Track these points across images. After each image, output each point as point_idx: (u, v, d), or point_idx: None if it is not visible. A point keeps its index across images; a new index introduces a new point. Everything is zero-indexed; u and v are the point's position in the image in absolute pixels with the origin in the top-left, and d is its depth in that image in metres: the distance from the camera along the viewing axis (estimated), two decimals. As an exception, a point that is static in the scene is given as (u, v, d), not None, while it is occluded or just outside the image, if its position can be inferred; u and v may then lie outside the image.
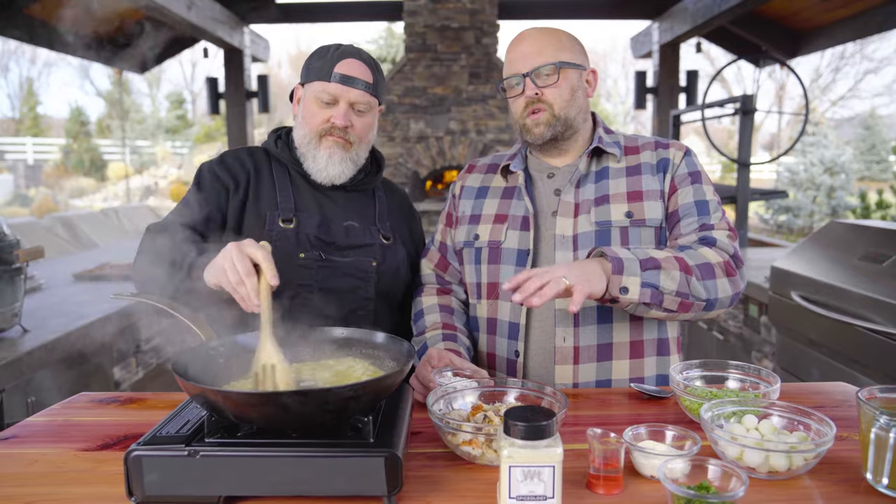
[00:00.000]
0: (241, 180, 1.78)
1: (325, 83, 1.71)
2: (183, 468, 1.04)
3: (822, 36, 7.64)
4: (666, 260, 1.53)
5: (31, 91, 26.29)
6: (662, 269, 1.51)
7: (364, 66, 1.74)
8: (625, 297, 1.49)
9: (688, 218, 1.67)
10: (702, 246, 1.62)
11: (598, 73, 1.83)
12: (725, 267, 1.59)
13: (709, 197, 1.69)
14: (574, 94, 1.70)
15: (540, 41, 1.70)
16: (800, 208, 14.12)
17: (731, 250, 1.62)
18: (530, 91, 1.69)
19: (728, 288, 1.58)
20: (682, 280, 1.52)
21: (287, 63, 28.21)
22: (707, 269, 1.56)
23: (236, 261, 1.28)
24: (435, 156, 8.66)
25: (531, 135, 1.73)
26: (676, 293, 1.52)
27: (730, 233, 1.66)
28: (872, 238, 3.22)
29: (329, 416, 1.07)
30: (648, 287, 1.50)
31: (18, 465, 1.23)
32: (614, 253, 1.51)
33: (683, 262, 1.54)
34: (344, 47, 1.76)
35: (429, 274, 1.93)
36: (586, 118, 1.78)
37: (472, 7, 8.44)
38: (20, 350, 2.76)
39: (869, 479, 1.09)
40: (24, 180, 21.32)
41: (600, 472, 1.10)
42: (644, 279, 1.49)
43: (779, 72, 20.85)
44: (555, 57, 1.68)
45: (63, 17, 6.70)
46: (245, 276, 1.26)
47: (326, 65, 1.72)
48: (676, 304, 1.54)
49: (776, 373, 3.56)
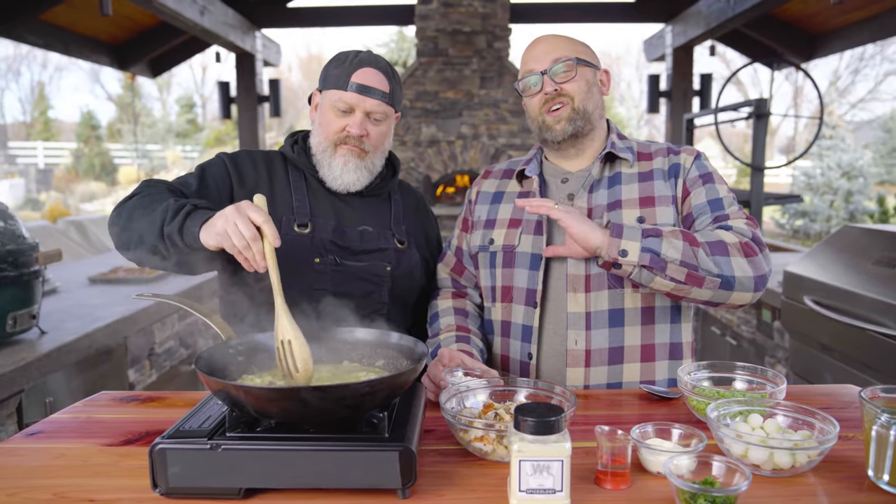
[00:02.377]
0: (247, 182, 1.79)
1: (342, 92, 1.73)
2: (205, 461, 1.08)
3: (838, 38, 7.61)
4: (671, 232, 1.54)
5: (42, 95, 26.54)
6: (664, 238, 1.52)
7: (381, 75, 1.76)
8: (624, 259, 1.50)
9: (702, 216, 1.68)
10: (716, 229, 1.62)
11: (612, 77, 1.87)
12: (742, 247, 1.55)
13: (722, 194, 1.70)
14: (591, 88, 1.75)
15: (555, 42, 1.76)
16: (816, 213, 14.02)
17: (749, 234, 1.60)
18: (549, 87, 1.72)
19: (747, 268, 1.54)
20: (688, 251, 1.51)
21: (298, 67, 28.37)
22: (719, 246, 1.54)
23: (240, 225, 1.30)
24: (447, 160, 8.70)
25: (552, 132, 1.74)
26: (681, 262, 1.50)
27: (748, 221, 1.64)
28: (886, 243, 3.22)
29: (346, 411, 1.11)
30: (648, 252, 1.50)
31: (46, 458, 1.28)
32: (618, 220, 1.57)
33: (690, 236, 1.54)
34: (362, 55, 1.77)
35: (445, 278, 1.97)
36: (602, 115, 1.81)
37: (484, 11, 8.47)
38: (38, 351, 2.81)
39: (871, 476, 1.12)
40: (36, 184, 21.52)
41: (608, 468, 1.13)
42: (644, 244, 1.51)
43: (795, 74, 20.76)
44: (573, 52, 1.73)
45: (78, 23, 6.80)
46: (251, 241, 1.30)
47: (343, 73, 1.74)
48: (683, 274, 1.51)
49: (789, 378, 3.58)
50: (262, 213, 1.32)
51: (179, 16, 6.16)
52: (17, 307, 2.81)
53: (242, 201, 1.36)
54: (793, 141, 24.99)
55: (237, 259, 1.34)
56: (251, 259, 1.31)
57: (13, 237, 2.78)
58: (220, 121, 11.57)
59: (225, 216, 1.34)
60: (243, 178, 1.79)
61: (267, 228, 1.30)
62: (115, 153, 24.41)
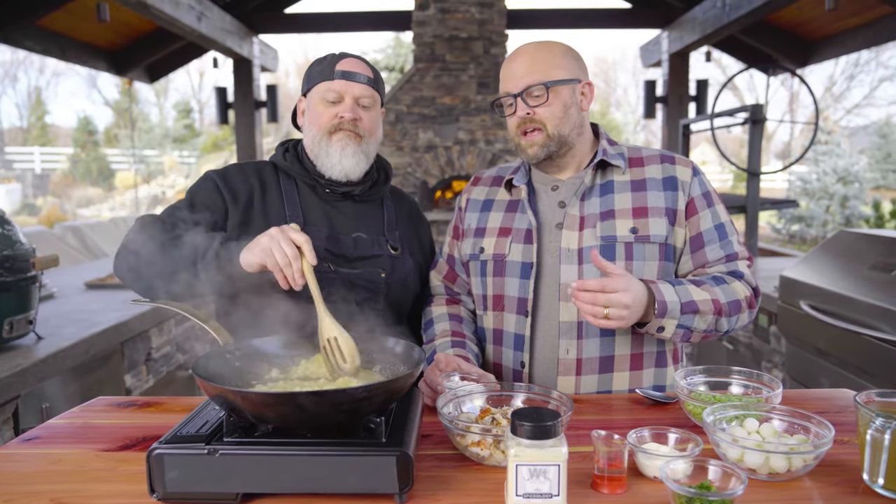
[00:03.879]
0: (240, 196, 1.79)
1: (329, 82, 1.78)
2: (203, 466, 1.08)
3: (833, 45, 7.65)
4: (704, 303, 1.60)
5: (39, 100, 26.52)
6: (699, 314, 1.59)
7: (363, 63, 1.82)
8: (659, 334, 1.60)
9: (711, 244, 1.72)
10: (734, 280, 1.69)
11: (609, 82, 1.85)
12: (749, 300, 1.68)
13: (724, 219, 1.75)
14: (567, 111, 1.71)
15: (531, 60, 1.71)
16: (812, 218, 14.06)
17: (753, 283, 1.71)
18: (521, 111, 1.71)
19: (745, 319, 1.69)
20: (713, 321, 1.62)
21: (295, 73, 28.32)
22: (735, 305, 1.64)
23: (283, 244, 1.42)
24: (443, 165, 8.70)
25: (526, 155, 1.75)
26: (704, 331, 1.63)
27: (748, 262, 1.74)
28: (882, 247, 3.23)
29: (343, 416, 1.11)
30: (682, 328, 1.59)
31: (42, 463, 1.28)
32: (661, 295, 1.56)
33: (718, 305, 1.61)
34: (341, 52, 1.84)
35: (438, 286, 1.97)
36: (581, 132, 1.77)
37: (481, 17, 8.49)
38: (35, 357, 2.81)
39: (866, 480, 1.13)
40: (33, 190, 21.50)
41: (604, 473, 1.14)
42: (681, 322, 1.58)
43: (791, 80, 20.83)
44: (545, 75, 1.68)
45: (76, 28, 6.80)
46: (293, 259, 1.41)
47: (327, 67, 1.79)
48: (699, 338, 1.66)
49: (785, 382, 3.59)
50: (304, 235, 1.44)
51: (177, 21, 6.17)
52: (13, 312, 2.80)
53: (286, 225, 1.47)
54: (788, 146, 25.05)
55: (276, 276, 1.44)
56: (290, 277, 1.42)
57: (10, 242, 2.78)
58: (217, 126, 11.60)
59: (270, 235, 1.45)
60: (235, 194, 1.80)
61: (307, 249, 1.43)
62: (113, 158, 24.38)
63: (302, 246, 1.42)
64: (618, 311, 1.48)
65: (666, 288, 1.57)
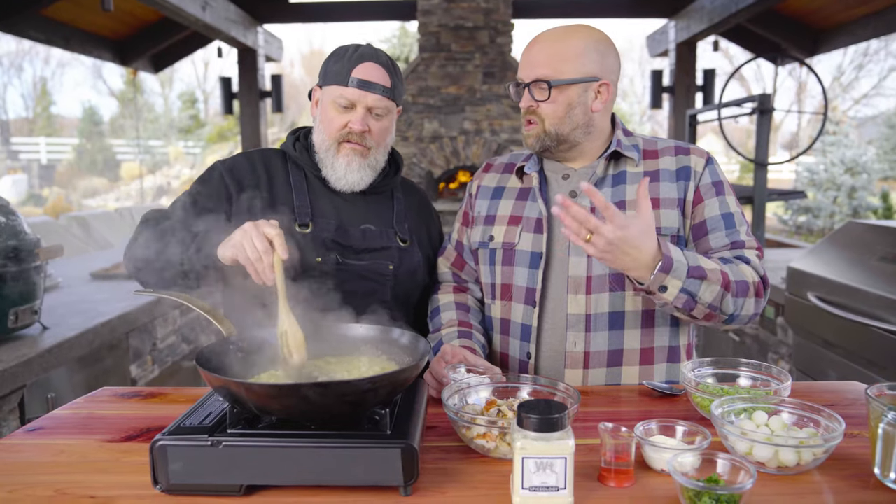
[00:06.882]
0: (247, 187, 1.78)
1: (343, 88, 1.72)
2: (206, 457, 1.08)
3: (842, 34, 7.58)
4: (712, 272, 1.51)
5: (44, 91, 26.58)
6: (706, 281, 1.50)
7: (382, 69, 1.74)
8: (661, 294, 1.49)
9: (716, 232, 1.66)
10: (741, 263, 1.62)
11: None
12: (756, 287, 1.60)
13: (733, 209, 1.69)
14: (570, 111, 1.67)
15: (547, 51, 1.67)
16: (820, 209, 13.97)
17: (761, 271, 1.64)
18: (525, 103, 1.70)
19: (752, 308, 1.59)
20: (719, 295, 1.52)
21: (300, 62, 28.30)
22: (743, 286, 1.56)
23: (255, 238, 1.40)
24: (449, 155, 8.68)
25: (526, 143, 1.76)
26: (709, 305, 1.52)
27: (758, 252, 1.67)
28: (891, 239, 3.20)
29: (348, 407, 1.10)
30: (685, 294, 1.49)
31: (46, 454, 1.27)
32: (668, 251, 1.47)
33: (726, 278, 1.53)
34: (362, 49, 1.75)
35: (445, 272, 1.95)
36: (589, 131, 1.72)
37: (487, 6, 8.45)
38: (40, 347, 2.82)
39: (877, 474, 1.11)
40: (38, 180, 21.56)
41: (612, 466, 1.13)
42: (685, 285, 1.48)
43: (799, 69, 20.68)
44: (555, 72, 1.65)
45: (80, 18, 6.79)
46: (263, 253, 1.39)
47: (344, 69, 1.72)
48: (703, 314, 1.54)
49: (792, 374, 3.57)
50: (277, 230, 1.41)
51: (181, 11, 6.15)
52: (18, 303, 2.80)
53: (261, 219, 1.44)
54: (796, 137, 24.93)
55: (248, 270, 1.42)
56: (260, 271, 1.40)
57: (15, 233, 2.78)
58: (222, 116, 11.58)
59: (244, 230, 1.43)
60: (241, 184, 1.78)
61: (278, 243, 1.39)
62: (118, 149, 24.44)
63: (273, 240, 1.40)
64: (602, 242, 1.38)
65: (675, 248, 1.50)
